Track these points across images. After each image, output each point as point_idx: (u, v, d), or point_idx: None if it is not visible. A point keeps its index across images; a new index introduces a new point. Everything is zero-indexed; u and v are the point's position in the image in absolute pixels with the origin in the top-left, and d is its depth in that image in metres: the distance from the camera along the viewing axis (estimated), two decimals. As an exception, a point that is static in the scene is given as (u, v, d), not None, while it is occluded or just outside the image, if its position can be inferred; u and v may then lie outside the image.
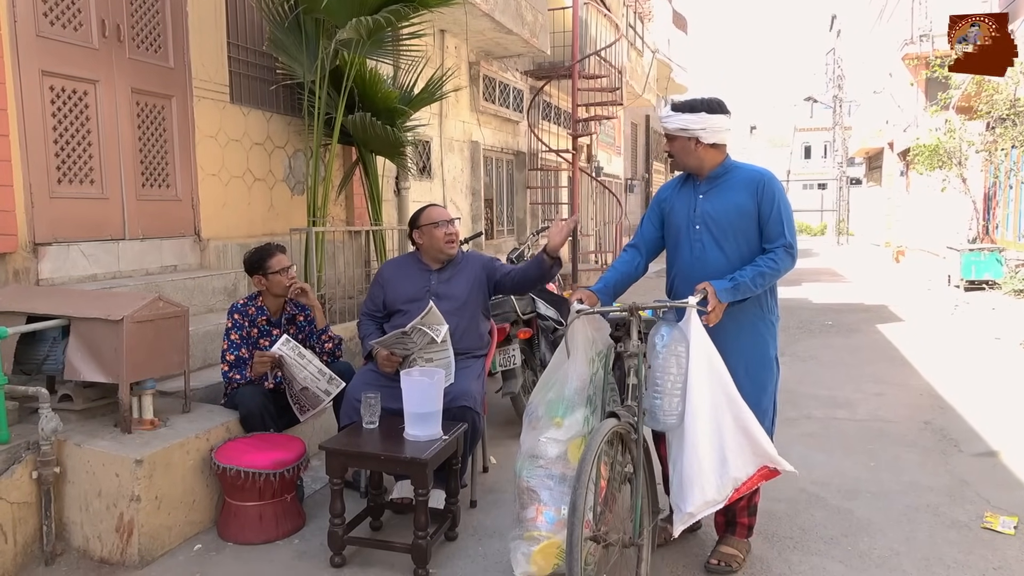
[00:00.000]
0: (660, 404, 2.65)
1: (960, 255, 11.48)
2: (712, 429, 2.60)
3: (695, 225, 2.93)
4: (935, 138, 12.35)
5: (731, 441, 2.62)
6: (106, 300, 3.29)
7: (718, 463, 2.61)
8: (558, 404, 2.75)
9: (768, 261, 2.79)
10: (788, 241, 2.81)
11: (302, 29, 5.16)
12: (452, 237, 3.65)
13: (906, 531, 3.29)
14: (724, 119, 2.83)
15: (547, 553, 2.61)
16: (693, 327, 2.63)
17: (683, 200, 2.99)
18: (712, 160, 2.89)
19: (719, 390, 2.61)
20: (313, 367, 3.47)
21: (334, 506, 2.94)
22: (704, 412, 2.60)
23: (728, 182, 2.90)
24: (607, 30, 12.84)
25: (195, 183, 4.99)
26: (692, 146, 2.85)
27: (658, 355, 2.64)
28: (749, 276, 2.75)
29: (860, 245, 28.26)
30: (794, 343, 7.81)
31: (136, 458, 2.95)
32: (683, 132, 2.83)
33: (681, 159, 2.92)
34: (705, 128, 2.80)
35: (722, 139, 2.86)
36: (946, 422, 4.91)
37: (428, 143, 8.33)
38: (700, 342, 2.62)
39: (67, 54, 4.10)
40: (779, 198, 2.84)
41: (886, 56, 20.05)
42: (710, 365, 2.62)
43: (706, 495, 2.60)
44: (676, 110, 2.85)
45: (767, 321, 2.95)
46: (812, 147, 47.39)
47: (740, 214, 2.86)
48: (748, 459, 2.65)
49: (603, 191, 14.72)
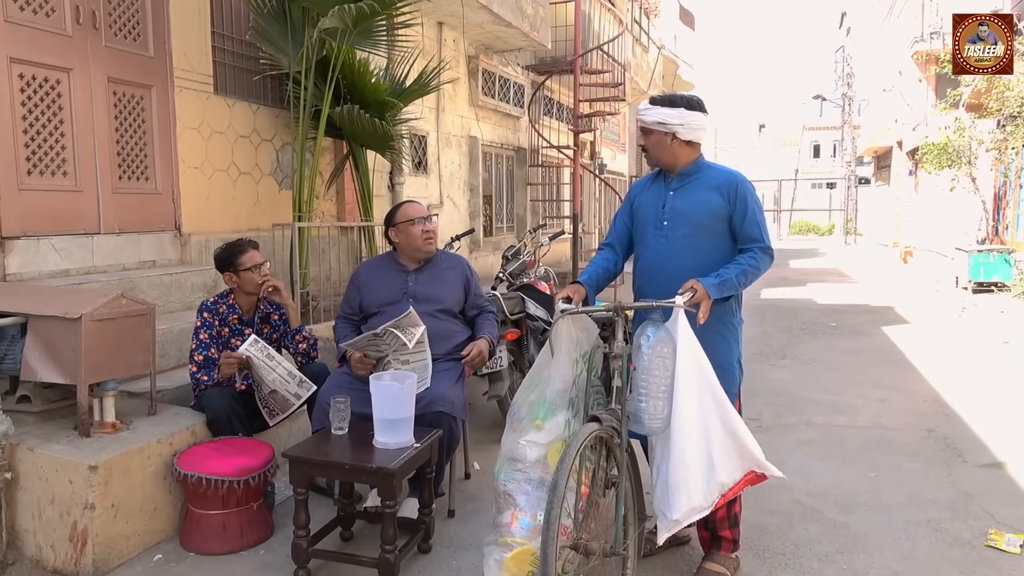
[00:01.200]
0: (644, 407, 2.52)
1: (968, 256, 11.26)
2: (700, 433, 2.50)
3: (663, 221, 2.86)
4: (944, 136, 12.12)
5: (719, 445, 2.51)
6: (66, 297, 3.15)
7: (705, 468, 2.50)
8: (540, 406, 2.63)
9: (749, 259, 2.74)
10: (766, 244, 2.78)
11: (287, 17, 5.01)
12: (430, 235, 3.49)
13: (905, 549, 3.11)
14: (702, 117, 2.79)
15: (520, 560, 2.48)
16: (680, 328, 2.51)
17: (653, 195, 2.94)
18: (686, 157, 2.85)
19: (707, 392, 2.51)
20: (283, 369, 3.32)
21: (298, 517, 2.78)
22: (692, 415, 2.49)
23: (700, 180, 2.84)
24: (611, 25, 12.64)
25: (176, 176, 4.84)
26: (668, 141, 2.81)
27: (643, 356, 2.52)
28: (734, 273, 2.68)
29: (868, 245, 27.97)
30: (796, 345, 7.62)
31: (90, 464, 2.80)
32: (660, 126, 2.79)
33: (655, 154, 2.88)
34: (683, 124, 2.76)
35: (698, 137, 2.82)
36: (951, 430, 4.72)
37: (424, 137, 8.17)
38: (687, 343, 2.51)
39: (38, 41, 3.96)
40: (752, 201, 2.80)
41: (896, 53, 19.77)
42: (698, 367, 2.51)
43: (692, 501, 2.48)
44: (655, 103, 2.81)
45: (730, 324, 2.86)
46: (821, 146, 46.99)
47: (710, 213, 2.79)
48: (735, 463, 2.55)
49: (607, 189, 14.53)
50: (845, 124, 32.25)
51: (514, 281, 5.48)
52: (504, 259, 5.87)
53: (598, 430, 2.41)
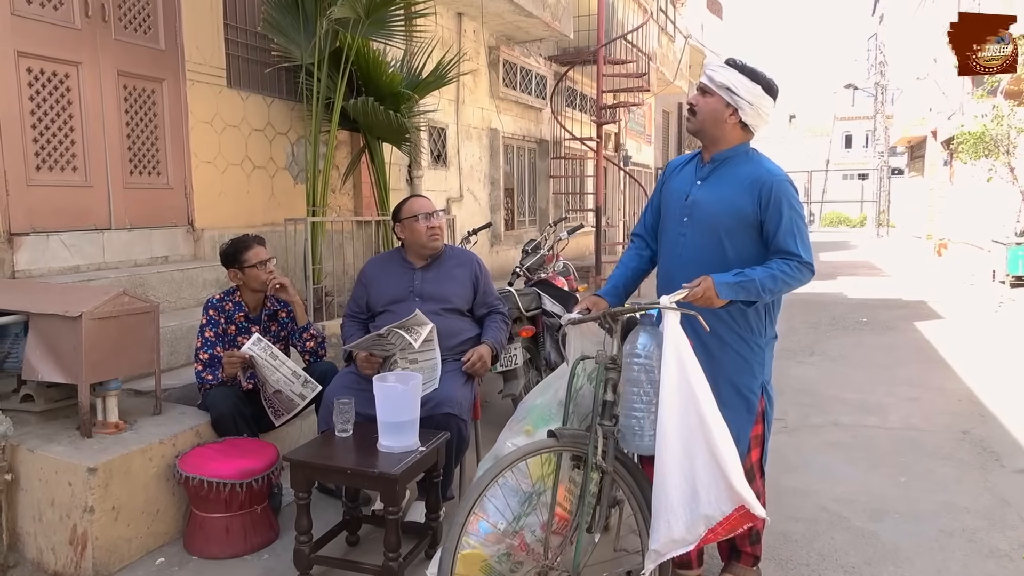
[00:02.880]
0: (630, 424, 2.30)
1: (1006, 249, 10.89)
2: (682, 455, 2.17)
3: (684, 216, 2.52)
4: (981, 125, 11.71)
5: (703, 472, 2.16)
6: (68, 295, 3.09)
7: (688, 496, 2.17)
8: (537, 412, 2.51)
9: (783, 265, 2.33)
10: (804, 259, 2.35)
11: (299, 7, 4.92)
12: (435, 231, 3.38)
13: (937, 561, 2.94)
14: (772, 105, 2.44)
15: (469, 562, 2.37)
16: (668, 333, 2.20)
17: (681, 183, 2.58)
18: (732, 141, 2.46)
19: (691, 409, 2.16)
20: (286, 369, 3.23)
21: (300, 522, 2.69)
22: (672, 434, 2.17)
23: (732, 173, 2.45)
24: (635, 14, 12.42)
25: (188, 170, 4.78)
26: (725, 113, 2.41)
27: (631, 367, 2.29)
28: (760, 275, 2.30)
29: (901, 237, 27.36)
30: (824, 341, 7.40)
31: (89, 466, 2.74)
32: (727, 93, 2.39)
33: (701, 120, 2.46)
34: (753, 104, 2.39)
35: (757, 125, 2.45)
36: (987, 432, 4.51)
37: (444, 130, 8.06)
38: (675, 351, 2.19)
39: (46, 34, 3.91)
40: (790, 207, 2.36)
41: (930, 41, 19.24)
42: (684, 379, 2.17)
43: (673, 532, 2.18)
44: (732, 66, 2.41)
45: (753, 344, 2.49)
46: (853, 136, 46.10)
47: (733, 214, 2.41)
48: (722, 495, 2.17)
49: (631, 181, 14.32)
50: (878, 114, 31.58)
51: (531, 276, 5.35)
52: (523, 253, 5.74)
53: (552, 447, 2.25)
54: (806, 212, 36.98)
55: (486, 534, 2.37)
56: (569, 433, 2.32)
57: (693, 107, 2.48)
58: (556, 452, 2.31)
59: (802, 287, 2.43)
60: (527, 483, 2.39)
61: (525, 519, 2.42)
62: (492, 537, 2.36)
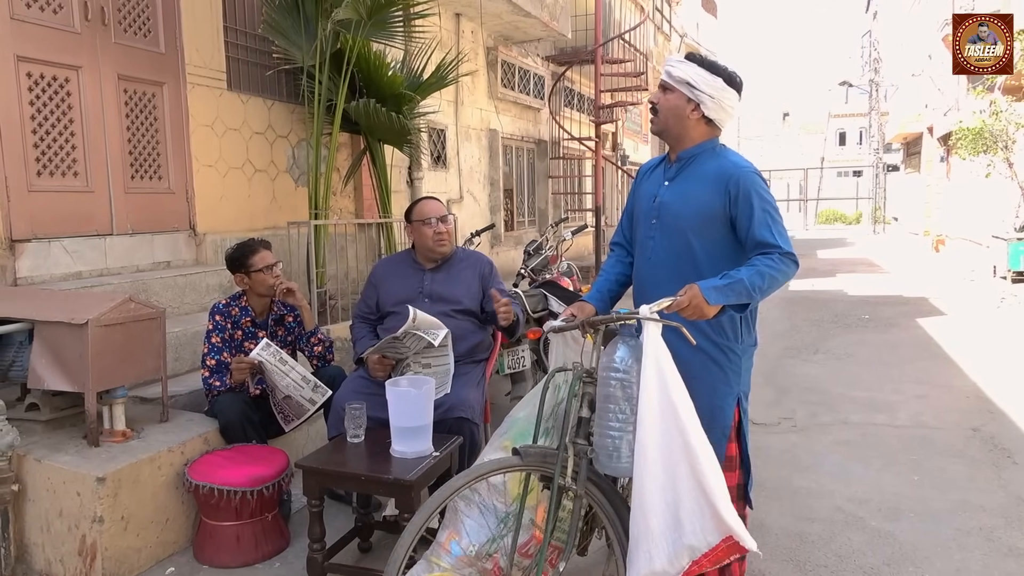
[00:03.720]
0: (605, 443, 2.11)
1: (1008, 244, 10.88)
2: (664, 479, 1.99)
3: (652, 218, 2.39)
4: (980, 120, 11.71)
5: (688, 499, 1.98)
6: (73, 302, 3.04)
7: (670, 524, 1.99)
8: (518, 426, 2.39)
9: (766, 260, 2.16)
10: (784, 249, 2.18)
11: (300, 9, 4.88)
12: (442, 236, 3.33)
13: (957, 560, 2.91)
14: (735, 98, 2.32)
15: None
16: (648, 346, 2.02)
17: (650, 185, 2.46)
18: (697, 137, 2.35)
19: (673, 429, 1.98)
20: (296, 374, 3.19)
21: (312, 530, 2.66)
22: (653, 456, 1.98)
23: (697, 170, 2.34)
24: (632, 13, 12.40)
25: (190, 175, 4.74)
26: (687, 110, 2.31)
27: (607, 381, 2.10)
28: (746, 274, 2.12)
29: (897, 234, 27.40)
30: (828, 339, 7.38)
31: (98, 475, 2.70)
32: (687, 88, 2.28)
33: (664, 118, 2.35)
34: (714, 97, 2.27)
35: (722, 119, 2.34)
36: (997, 429, 4.49)
37: (443, 131, 8.03)
38: (656, 366, 2.01)
39: (46, 38, 3.86)
40: (759, 198, 2.22)
41: (925, 37, 19.26)
42: (665, 396, 1.99)
43: (653, 564, 2.00)
44: (691, 60, 2.32)
45: (728, 350, 2.32)
46: (847, 133, 46.18)
47: (700, 211, 2.29)
48: (708, 524, 1.97)
49: (629, 180, 14.30)
50: (872, 111, 31.62)
51: (536, 277, 5.32)
52: (526, 254, 5.72)
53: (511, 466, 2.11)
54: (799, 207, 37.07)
55: (457, 556, 2.28)
56: (535, 451, 2.16)
57: (655, 105, 2.38)
58: (523, 471, 2.15)
59: (803, 285, 2.33)
60: (504, 502, 2.27)
61: (500, 541, 2.29)
62: (464, 559, 2.26)
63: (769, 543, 3.03)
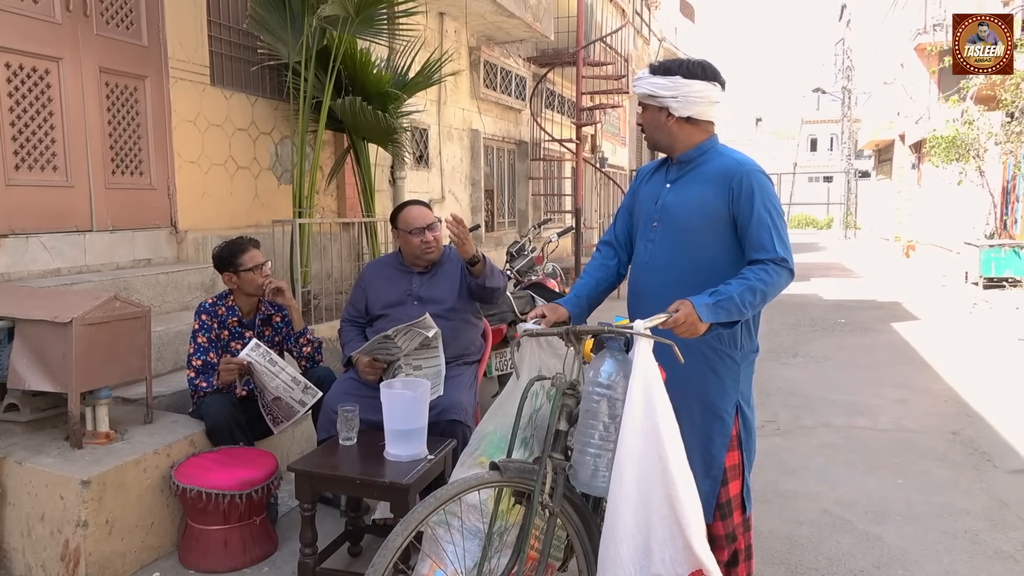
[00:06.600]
0: (584, 460, 1.99)
1: (979, 251, 11.11)
2: (638, 504, 1.88)
3: (653, 221, 2.35)
4: (953, 129, 11.93)
5: (660, 527, 1.88)
6: (55, 300, 2.96)
7: (639, 551, 1.89)
8: (489, 439, 2.28)
9: (759, 272, 2.11)
10: (780, 255, 2.13)
11: (286, 5, 4.81)
12: (429, 245, 3.27)
13: (944, 563, 2.95)
14: (704, 87, 2.22)
15: None
16: (639, 363, 1.91)
17: (651, 188, 2.43)
18: (687, 139, 2.30)
19: (653, 453, 1.88)
20: (286, 375, 3.14)
21: (304, 534, 2.61)
22: (629, 479, 1.88)
23: (700, 171, 2.30)
24: (613, 16, 12.45)
25: (171, 171, 4.65)
26: (663, 118, 2.28)
27: (591, 396, 1.99)
28: (736, 290, 2.06)
29: (868, 239, 27.84)
30: (806, 343, 7.46)
31: (82, 479, 2.62)
32: (652, 100, 2.27)
33: (650, 133, 2.36)
34: (676, 96, 2.21)
35: (701, 113, 2.25)
36: (976, 433, 4.56)
37: (426, 131, 7.98)
38: (644, 384, 1.90)
39: (25, 28, 3.76)
40: (762, 197, 2.18)
41: (898, 46, 19.59)
42: (650, 417, 1.89)
43: None
44: (652, 72, 2.29)
45: (727, 357, 2.27)
46: (819, 139, 46.84)
47: (703, 214, 2.24)
48: (679, 556, 1.87)
49: (607, 182, 14.36)
50: (844, 118, 32.10)
51: (522, 279, 5.31)
52: (509, 255, 5.70)
53: (489, 482, 1.97)
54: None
55: None
56: (514, 466, 2.02)
57: (642, 126, 2.40)
58: (497, 487, 2.03)
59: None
60: (483, 522, 2.15)
61: (489, 563, 2.13)
62: None
63: (759, 546, 3.02)
